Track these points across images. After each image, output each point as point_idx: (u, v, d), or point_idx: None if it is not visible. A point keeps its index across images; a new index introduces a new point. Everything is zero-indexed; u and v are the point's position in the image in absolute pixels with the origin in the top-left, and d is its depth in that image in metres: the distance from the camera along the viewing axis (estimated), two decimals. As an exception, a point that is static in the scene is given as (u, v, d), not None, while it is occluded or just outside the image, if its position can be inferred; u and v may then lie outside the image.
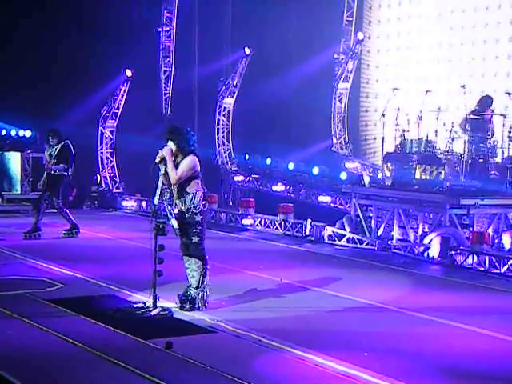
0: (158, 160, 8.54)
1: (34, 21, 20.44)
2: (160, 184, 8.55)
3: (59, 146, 13.81)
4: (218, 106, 21.99)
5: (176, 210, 8.65)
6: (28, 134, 21.80)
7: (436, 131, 14.30)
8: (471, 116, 14.25)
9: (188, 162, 8.53)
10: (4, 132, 21.77)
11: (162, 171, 8.53)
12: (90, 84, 20.55)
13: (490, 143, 14.22)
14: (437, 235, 12.66)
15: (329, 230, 14.38)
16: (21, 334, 7.53)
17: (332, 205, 17.74)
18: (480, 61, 18.25)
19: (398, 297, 9.74)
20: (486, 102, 14.82)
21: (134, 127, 19.90)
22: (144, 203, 18.69)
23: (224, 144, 22.21)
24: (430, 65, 19.44)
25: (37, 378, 6.24)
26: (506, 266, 11.55)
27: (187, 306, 8.50)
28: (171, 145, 8.57)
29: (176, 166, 8.51)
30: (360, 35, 20.63)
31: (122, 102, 20.22)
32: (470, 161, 13.95)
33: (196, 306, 8.53)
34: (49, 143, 13.91)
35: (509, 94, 14.97)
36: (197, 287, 8.54)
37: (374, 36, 21.44)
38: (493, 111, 14.69)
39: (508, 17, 17.70)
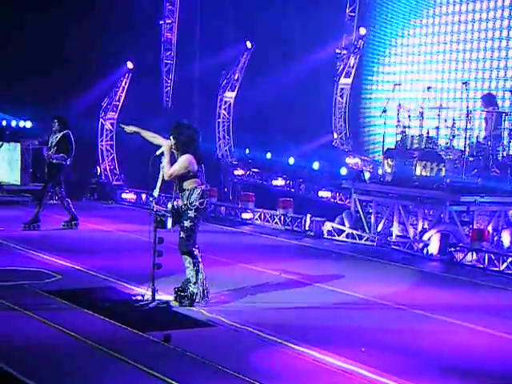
0: (158, 152, 8.53)
1: (36, 13, 20.39)
2: (161, 177, 8.53)
3: (60, 134, 13.74)
4: (218, 100, 21.95)
5: (175, 203, 8.61)
6: (28, 124, 21.80)
7: (437, 128, 14.30)
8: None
9: (182, 161, 8.47)
10: (4, 123, 21.75)
11: (163, 164, 8.52)
12: (91, 76, 20.51)
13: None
14: (436, 232, 12.65)
15: (328, 225, 14.37)
16: (18, 324, 7.52)
17: (332, 200, 17.72)
18: (481, 57, 18.21)
19: (396, 293, 9.74)
20: (490, 100, 14.81)
21: (134, 119, 19.79)
22: (144, 196, 18.66)
23: (224, 138, 22.18)
24: (433, 61, 19.39)
25: (34, 369, 6.22)
26: (505, 264, 11.55)
27: (186, 302, 8.45)
28: (171, 140, 8.57)
29: (174, 163, 8.49)
30: (362, 30, 20.55)
31: (123, 94, 20.18)
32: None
33: (195, 301, 8.48)
34: (52, 129, 13.82)
35: (511, 91, 14.96)
36: (194, 283, 8.52)
37: (376, 31, 21.37)
38: (494, 108, 14.69)
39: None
